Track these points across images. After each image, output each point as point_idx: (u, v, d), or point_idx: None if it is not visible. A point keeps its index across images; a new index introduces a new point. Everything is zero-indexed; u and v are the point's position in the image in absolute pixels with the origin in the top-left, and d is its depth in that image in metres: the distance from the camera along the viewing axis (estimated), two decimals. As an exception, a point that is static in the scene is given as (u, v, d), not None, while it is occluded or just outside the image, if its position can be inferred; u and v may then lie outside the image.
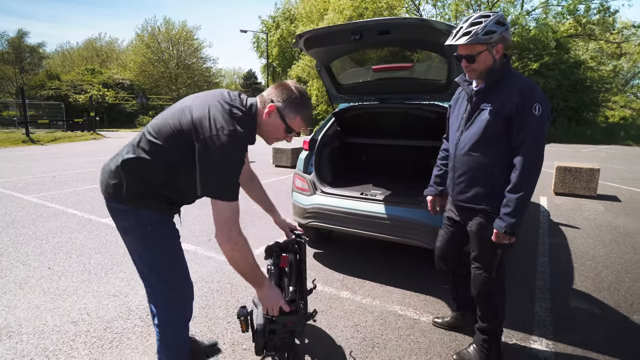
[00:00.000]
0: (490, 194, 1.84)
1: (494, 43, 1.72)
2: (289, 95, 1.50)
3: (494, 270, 1.91)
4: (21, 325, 2.35)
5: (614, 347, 2.20)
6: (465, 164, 1.89)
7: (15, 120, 22.05)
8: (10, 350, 2.11)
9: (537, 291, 2.92)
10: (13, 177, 7.72)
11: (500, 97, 1.76)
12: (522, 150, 1.72)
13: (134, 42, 40.06)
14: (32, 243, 3.82)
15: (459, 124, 1.94)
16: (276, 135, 1.57)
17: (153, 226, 1.51)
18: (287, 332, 1.65)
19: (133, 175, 1.48)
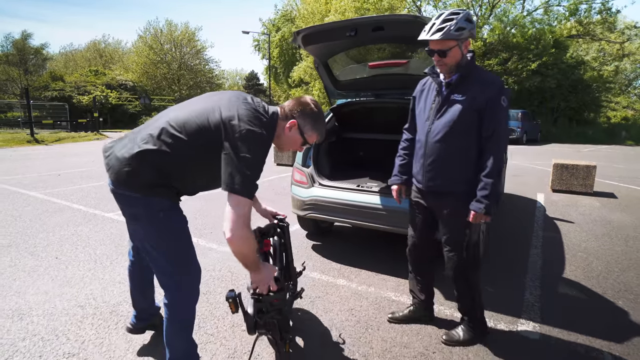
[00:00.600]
0: (461, 179, 1.98)
1: (463, 39, 1.86)
2: (310, 113, 1.66)
3: (464, 250, 2.04)
4: (31, 309, 2.47)
5: (597, 329, 2.29)
6: (437, 151, 2.00)
7: (20, 121, 22.25)
8: (22, 330, 2.22)
9: (528, 280, 3.01)
10: (18, 175, 7.87)
11: (471, 89, 1.90)
12: (493, 139, 1.88)
13: (137, 44, 40.30)
14: (40, 235, 3.94)
15: (428, 114, 2.05)
16: (293, 147, 1.74)
17: (164, 212, 1.59)
18: (274, 310, 1.75)
19: (150, 165, 1.52)
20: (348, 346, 2.11)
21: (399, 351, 2.08)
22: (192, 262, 1.69)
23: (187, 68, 40.19)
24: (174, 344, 1.70)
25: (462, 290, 2.13)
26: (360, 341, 2.16)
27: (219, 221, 4.25)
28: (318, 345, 2.12)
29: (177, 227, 1.65)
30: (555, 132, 20.58)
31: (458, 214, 1.99)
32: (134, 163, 1.52)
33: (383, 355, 2.04)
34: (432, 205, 2.12)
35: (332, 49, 3.25)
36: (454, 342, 2.10)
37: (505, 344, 2.15)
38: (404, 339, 2.19)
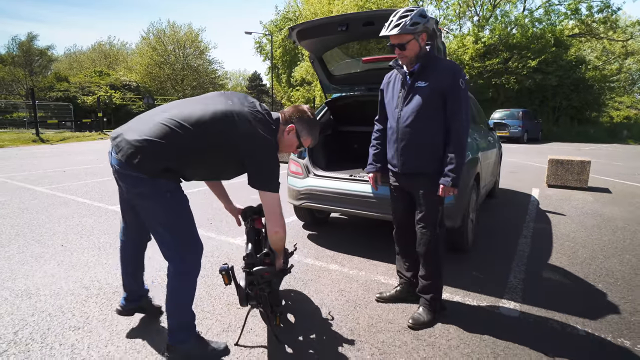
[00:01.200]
0: (432, 159, 2.15)
1: (419, 32, 2.04)
2: (307, 119, 1.94)
3: (437, 227, 2.20)
4: (39, 289, 2.61)
5: (575, 309, 2.41)
6: (408, 135, 2.17)
7: (25, 121, 22.56)
8: (31, 307, 2.37)
9: (515, 265, 3.13)
10: (25, 171, 8.05)
11: (432, 76, 2.10)
12: (455, 118, 2.08)
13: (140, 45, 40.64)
14: (46, 226, 4.10)
15: (396, 102, 2.23)
16: (289, 149, 2.00)
17: (171, 193, 1.74)
18: (264, 282, 1.88)
19: (160, 152, 1.65)
20: (336, 322, 2.24)
21: (384, 326, 2.20)
22: (195, 237, 1.84)
23: (190, 69, 40.46)
24: (174, 312, 1.83)
25: (429, 268, 2.26)
26: (348, 318, 2.29)
27: (218, 213, 4.39)
28: (308, 321, 2.25)
29: (182, 206, 1.81)
30: (557, 131, 20.61)
31: (432, 193, 2.15)
32: (146, 148, 1.64)
33: (368, 329, 2.17)
34: (408, 186, 2.28)
35: (326, 44, 3.38)
36: (420, 325, 2.18)
37: (486, 321, 2.26)
38: (390, 316, 2.32)
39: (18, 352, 1.93)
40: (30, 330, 2.12)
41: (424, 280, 2.29)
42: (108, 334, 2.09)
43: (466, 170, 3.08)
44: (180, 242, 1.79)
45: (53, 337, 2.06)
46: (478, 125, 4.46)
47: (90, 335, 2.08)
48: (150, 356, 1.90)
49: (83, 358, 1.88)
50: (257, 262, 1.87)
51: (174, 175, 1.75)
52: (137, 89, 34.95)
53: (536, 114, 19.90)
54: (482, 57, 21.43)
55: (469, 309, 2.42)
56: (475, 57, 21.42)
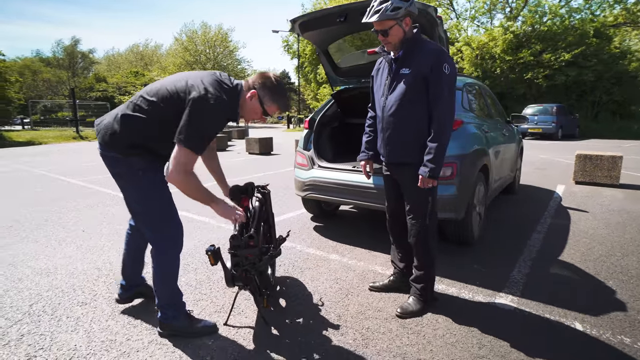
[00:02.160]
0: (417, 148, 2.09)
1: (401, 17, 1.98)
2: (270, 85, 1.82)
3: (427, 218, 2.15)
4: (57, 269, 2.82)
5: (576, 304, 2.31)
6: (392, 124, 2.13)
7: (68, 120, 24.00)
8: (48, 284, 2.57)
9: (521, 260, 3.03)
10: (62, 166, 8.62)
11: (416, 60, 2.03)
12: (437, 104, 2.00)
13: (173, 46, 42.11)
14: (72, 213, 4.39)
15: (382, 90, 2.19)
16: (254, 117, 1.91)
17: (144, 171, 1.83)
18: (249, 263, 1.94)
19: (129, 128, 1.77)
20: (325, 308, 2.28)
21: (372, 314, 2.22)
22: (172, 217, 1.92)
23: (220, 68, 41.47)
24: (161, 291, 1.94)
25: (420, 259, 2.24)
26: (338, 304, 2.32)
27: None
28: (298, 306, 2.30)
29: (156, 184, 1.87)
30: (596, 127, 19.43)
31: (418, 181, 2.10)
32: (116, 126, 1.78)
33: (356, 316, 2.19)
34: (396, 176, 2.25)
35: (330, 35, 3.40)
36: (408, 314, 2.17)
37: (478, 314, 2.22)
38: (380, 304, 2.32)
39: (30, 321, 2.11)
40: (44, 304, 2.31)
41: (416, 270, 2.28)
42: (110, 310, 2.24)
43: (470, 161, 3.03)
44: (157, 221, 1.89)
45: (62, 310, 2.23)
46: (493, 117, 4.33)
47: (95, 310, 2.24)
48: (145, 331, 2.02)
49: (85, 330, 2.03)
50: (241, 244, 1.94)
51: (145, 152, 1.81)
52: (170, 89, 36.25)
53: (572, 110, 18.87)
54: (514, 50, 20.57)
55: (463, 301, 2.38)
56: (507, 49, 20.57)
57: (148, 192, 1.86)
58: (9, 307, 2.27)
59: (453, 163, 2.88)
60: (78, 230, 3.75)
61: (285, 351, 1.86)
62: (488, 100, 4.40)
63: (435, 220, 2.23)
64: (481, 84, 4.60)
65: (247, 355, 1.83)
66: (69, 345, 1.90)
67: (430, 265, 2.23)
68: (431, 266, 2.24)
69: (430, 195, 2.13)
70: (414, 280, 2.28)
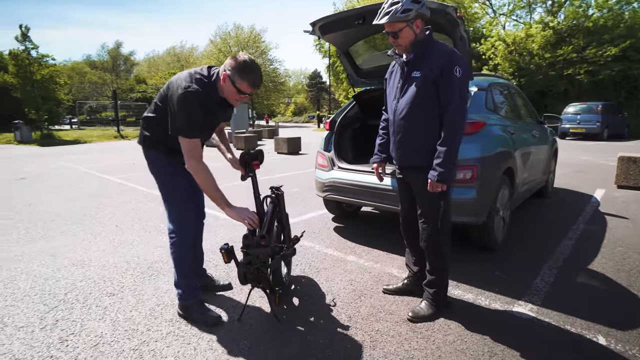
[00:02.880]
0: (428, 152, 2.05)
1: (412, 20, 1.95)
2: (236, 65, 1.91)
3: (439, 222, 2.12)
4: (91, 261, 3.03)
5: (602, 317, 2.19)
6: (403, 127, 2.11)
7: (110, 119, 25.42)
8: (82, 274, 2.77)
9: (546, 268, 2.91)
10: (102, 163, 9.17)
11: (427, 63, 1.99)
12: (447, 108, 1.97)
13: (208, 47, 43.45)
14: (108, 209, 4.68)
15: (394, 93, 2.16)
16: (233, 97, 2.00)
17: (164, 166, 2.12)
18: (260, 263, 2.00)
19: (148, 127, 2.10)
20: (337, 308, 2.31)
21: (383, 316, 2.22)
22: (183, 209, 2.14)
23: (253, 68, 42.29)
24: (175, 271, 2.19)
25: (432, 263, 2.20)
26: (350, 305, 2.34)
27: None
28: (311, 305, 2.34)
29: (172, 177, 2.12)
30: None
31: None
32: (143, 126, 2.13)
33: (367, 318, 2.20)
34: (408, 179, 2.23)
35: (350, 37, 3.41)
36: (419, 318, 2.15)
37: (493, 321, 2.16)
38: (392, 307, 2.32)
39: (64, 309, 2.29)
40: (77, 293, 2.49)
41: (429, 275, 2.25)
42: (135, 301, 2.39)
43: (493, 164, 2.94)
44: (171, 210, 2.15)
45: (92, 300, 2.40)
46: (523, 118, 4.17)
47: (121, 301, 2.39)
48: (164, 323, 2.14)
49: (111, 319, 2.18)
50: (253, 244, 2.01)
51: (164, 148, 2.07)
52: (205, 89, 37.48)
53: (621, 108, 17.64)
54: (553, 46, 19.52)
55: (479, 308, 2.32)
56: (545, 46, 19.54)
57: (165, 182, 2.15)
58: (47, 294, 2.47)
59: (473, 166, 2.81)
60: (112, 225, 4.00)
61: (293, 348, 1.90)
62: (517, 100, 4.23)
63: (448, 225, 2.19)
64: (510, 83, 4.44)
65: (256, 350, 1.89)
66: (96, 332, 2.05)
67: (442, 270, 2.20)
68: (443, 271, 2.20)
69: (443, 199, 2.10)
70: (427, 285, 2.26)
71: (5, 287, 2.58)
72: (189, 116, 1.88)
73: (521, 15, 24.98)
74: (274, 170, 8.09)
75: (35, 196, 5.46)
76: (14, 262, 3.02)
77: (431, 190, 2.03)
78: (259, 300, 2.38)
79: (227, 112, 2.19)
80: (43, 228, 3.92)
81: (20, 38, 16.98)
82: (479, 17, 27.91)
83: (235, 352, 1.87)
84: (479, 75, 3.67)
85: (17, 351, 1.88)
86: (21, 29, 16.95)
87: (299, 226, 3.95)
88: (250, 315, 2.22)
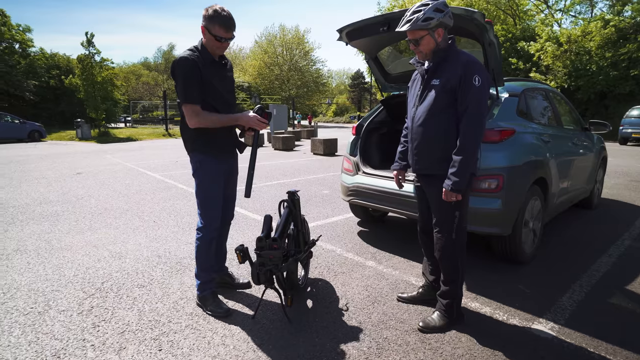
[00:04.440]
0: (444, 160, 2.03)
1: (433, 28, 1.92)
2: (206, 14, 2.08)
3: (453, 232, 2.07)
4: (127, 253, 3.29)
5: (632, 342, 2.04)
6: (420, 135, 2.09)
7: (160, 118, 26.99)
8: (118, 266, 3.02)
9: (577, 285, 2.74)
10: (148, 160, 9.79)
11: (447, 72, 1.97)
12: (465, 117, 1.93)
13: (254, 49, 44.74)
14: (149, 205, 5.02)
15: (414, 101, 2.15)
16: (214, 46, 2.15)
17: (199, 164, 2.30)
18: (273, 264, 2.08)
19: (181, 131, 2.34)
20: (349, 313, 2.34)
21: (394, 324, 2.22)
22: (209, 209, 2.30)
23: (295, 69, 43.03)
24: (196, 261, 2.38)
25: (446, 274, 2.16)
26: (362, 311, 2.36)
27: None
28: (324, 308, 2.39)
29: (204, 177, 2.30)
30: None
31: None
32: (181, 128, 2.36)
33: (377, 325, 2.21)
34: (424, 187, 2.21)
35: (377, 44, 3.41)
36: (430, 329, 2.12)
37: (509, 338, 2.09)
38: (404, 316, 2.31)
39: (100, 297, 2.52)
40: (112, 283, 2.73)
41: (442, 285, 2.22)
42: (161, 294, 2.57)
43: (521, 173, 2.83)
44: (200, 210, 2.31)
45: (124, 290, 2.62)
46: (562, 125, 3.94)
47: (149, 293, 2.58)
48: (185, 316, 2.29)
49: (138, 309, 2.37)
50: (265, 245, 2.10)
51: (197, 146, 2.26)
52: (248, 89, 38.64)
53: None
54: (614, 44, 17.98)
55: (495, 322, 2.25)
56: (604, 44, 18.04)
57: (198, 182, 2.32)
58: (87, 283, 2.73)
59: (499, 175, 2.72)
60: (150, 221, 4.29)
61: (299, 350, 1.96)
62: (557, 105, 4.00)
63: (464, 236, 2.15)
64: (551, 88, 4.20)
65: (265, 348, 1.97)
66: (123, 320, 2.24)
67: (455, 281, 2.16)
68: (457, 282, 2.16)
69: (458, 209, 2.07)
70: (440, 295, 2.23)
71: (54, 273, 2.88)
72: (184, 79, 2.08)
73: (580, 11, 23.29)
74: (307, 171, 8.21)
75: (87, 190, 5.98)
76: (64, 251, 3.35)
77: (446, 200, 2.02)
78: (274, 300, 2.47)
79: (227, 74, 2.34)
80: (90, 220, 4.29)
81: (85, 44, 18.55)
82: (533, 15, 26.38)
83: (245, 349, 1.97)
84: (513, 80, 3.52)
85: (57, 332, 2.11)
86: (86, 36, 18.54)
87: (324, 229, 4.01)
88: (264, 314, 2.31)
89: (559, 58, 19.00)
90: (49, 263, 3.06)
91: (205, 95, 2.16)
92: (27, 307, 2.37)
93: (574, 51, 18.91)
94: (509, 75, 19.77)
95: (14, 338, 2.04)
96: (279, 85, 42.68)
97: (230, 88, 2.36)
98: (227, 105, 2.31)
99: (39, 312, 2.31)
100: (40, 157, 10.76)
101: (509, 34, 22.93)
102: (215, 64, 2.23)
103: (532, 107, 3.38)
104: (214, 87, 2.20)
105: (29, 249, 3.40)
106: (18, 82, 25.17)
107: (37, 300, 2.45)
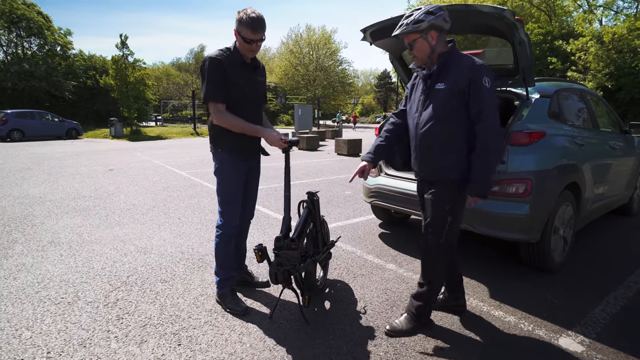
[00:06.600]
0: (449, 167, 1.98)
1: (425, 30, 1.89)
2: (238, 18, 2.14)
3: (442, 237, 2.02)
4: (152, 249, 3.39)
5: (673, 361, 1.91)
6: (424, 141, 2.03)
7: (189, 118, 27.77)
8: (142, 261, 3.12)
9: (611, 298, 2.59)
10: (176, 158, 10.07)
11: (451, 75, 1.92)
12: (481, 119, 1.88)
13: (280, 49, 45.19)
14: (174, 202, 5.16)
15: (417, 106, 2.08)
16: (244, 48, 2.20)
17: (221, 163, 2.34)
18: (290, 265, 2.08)
19: (209, 128, 2.37)
20: (366, 316, 2.30)
21: (412, 330, 2.16)
22: (228, 207, 2.35)
23: (321, 69, 43.10)
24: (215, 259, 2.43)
25: (426, 275, 2.13)
26: (380, 315, 2.32)
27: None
28: (341, 310, 2.37)
29: (225, 174, 2.34)
30: None
31: (440, 200, 2.01)
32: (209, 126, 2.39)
33: (395, 330, 2.17)
34: (424, 188, 2.17)
35: (402, 43, 3.32)
36: (396, 332, 2.09)
37: (533, 350, 2.00)
38: (423, 322, 2.25)
39: (124, 290, 2.60)
40: (137, 277, 2.81)
41: (419, 287, 2.17)
42: (183, 289, 2.63)
43: (551, 178, 2.70)
44: (220, 207, 2.37)
45: (148, 284, 2.70)
46: (599, 127, 3.73)
47: (171, 288, 2.65)
48: (204, 312, 2.33)
49: (160, 303, 2.43)
50: (283, 246, 2.10)
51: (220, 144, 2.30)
52: (274, 89, 39.06)
53: None
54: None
55: (520, 333, 2.16)
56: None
57: (219, 180, 2.36)
58: (113, 276, 2.83)
59: (527, 179, 2.61)
60: (175, 217, 4.41)
61: (315, 351, 1.95)
62: (594, 107, 3.80)
63: (452, 242, 2.09)
64: (587, 89, 3.99)
65: (280, 348, 1.98)
66: (146, 313, 2.30)
67: (432, 283, 2.11)
68: (433, 285, 2.11)
69: (451, 215, 2.01)
70: (414, 297, 2.17)
71: (84, 265, 3.00)
72: (208, 77, 2.13)
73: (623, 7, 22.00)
74: (330, 171, 8.20)
75: (117, 186, 6.22)
76: (93, 244, 3.49)
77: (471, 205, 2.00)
78: (292, 300, 2.47)
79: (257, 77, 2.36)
80: (119, 216, 4.45)
81: (119, 45, 19.33)
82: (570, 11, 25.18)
83: (261, 348, 1.98)
84: (545, 80, 3.37)
85: (84, 322, 2.19)
86: (121, 38, 19.30)
87: (345, 230, 3.99)
88: (282, 314, 2.32)
89: (601, 57, 18.02)
90: (80, 255, 3.20)
91: (231, 95, 2.20)
92: (58, 297, 2.49)
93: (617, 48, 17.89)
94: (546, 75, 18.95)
95: (45, 326, 2.14)
96: (304, 85, 42.90)
97: (258, 90, 2.39)
98: (253, 106, 2.34)
99: (68, 303, 2.41)
100: (76, 154, 11.29)
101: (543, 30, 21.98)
102: (245, 66, 2.26)
103: (565, 108, 3.22)
104: (240, 88, 2.23)
105: (62, 241, 3.56)
106: (59, 83, 26.59)
107: (67, 291, 2.56)
